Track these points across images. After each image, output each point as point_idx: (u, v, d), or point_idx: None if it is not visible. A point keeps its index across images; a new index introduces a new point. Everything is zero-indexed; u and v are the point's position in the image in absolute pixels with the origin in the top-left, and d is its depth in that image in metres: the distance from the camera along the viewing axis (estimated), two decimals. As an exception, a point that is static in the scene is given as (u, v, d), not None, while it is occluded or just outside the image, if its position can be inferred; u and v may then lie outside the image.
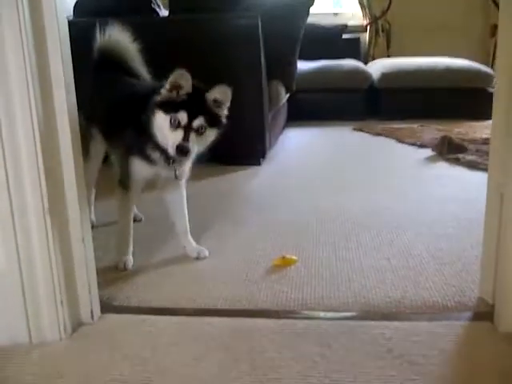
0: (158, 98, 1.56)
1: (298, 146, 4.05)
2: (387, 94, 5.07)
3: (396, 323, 1.37)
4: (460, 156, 3.23)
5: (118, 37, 1.99)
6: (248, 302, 1.52)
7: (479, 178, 2.80)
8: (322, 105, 5.08)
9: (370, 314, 1.44)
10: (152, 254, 1.89)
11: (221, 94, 1.59)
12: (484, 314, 1.42)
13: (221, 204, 2.48)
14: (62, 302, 1.34)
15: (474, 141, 3.68)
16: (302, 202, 2.46)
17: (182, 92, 1.56)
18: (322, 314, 1.45)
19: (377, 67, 5.27)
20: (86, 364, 1.25)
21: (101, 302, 1.47)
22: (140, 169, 1.72)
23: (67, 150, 1.32)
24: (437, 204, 2.37)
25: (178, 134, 1.53)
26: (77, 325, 1.40)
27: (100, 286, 1.48)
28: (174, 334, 1.37)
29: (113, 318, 1.46)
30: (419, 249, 1.85)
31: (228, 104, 1.62)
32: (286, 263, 1.76)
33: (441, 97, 4.94)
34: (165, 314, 1.47)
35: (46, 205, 1.28)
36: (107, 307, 1.50)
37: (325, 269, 1.72)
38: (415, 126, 4.46)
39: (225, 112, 1.64)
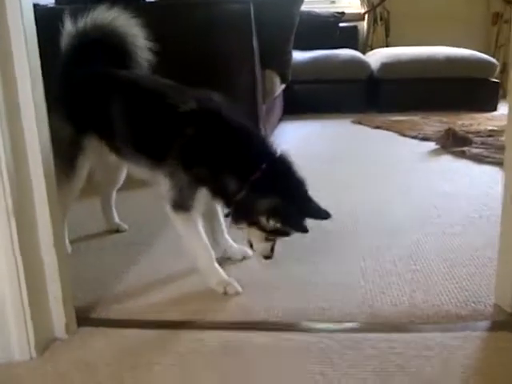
0: (262, 223, 1.44)
1: (294, 140, 3.89)
2: (387, 85, 4.91)
3: (406, 335, 1.23)
4: (465, 149, 3.08)
5: (114, 19, 1.73)
6: (241, 312, 1.37)
7: (487, 172, 2.68)
8: (319, 96, 4.93)
9: (376, 325, 1.29)
10: (135, 261, 1.73)
11: None
12: (502, 323, 1.28)
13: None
14: (31, 317, 1.19)
15: (478, 133, 3.54)
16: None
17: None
18: (323, 326, 1.30)
19: (376, 57, 5.11)
20: (57, 387, 1.11)
21: (77, 314, 1.33)
22: (205, 198, 1.50)
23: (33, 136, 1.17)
24: (443, 200, 2.22)
25: (267, 246, 1.51)
26: (49, 341, 1.25)
27: (77, 296, 1.34)
28: (158, 351, 1.22)
29: (90, 332, 1.31)
30: (427, 249, 1.71)
31: None
32: None
33: (442, 87, 4.80)
34: (148, 328, 1.32)
35: (10, 205, 1.13)
36: (84, 320, 1.35)
37: (325, 274, 1.57)
38: (416, 118, 4.31)
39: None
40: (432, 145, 3.30)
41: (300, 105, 4.80)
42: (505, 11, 5.65)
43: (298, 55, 4.58)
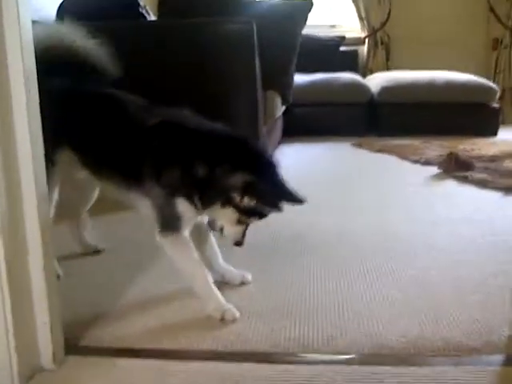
0: (235, 201, 1.40)
1: (293, 163, 3.83)
2: (387, 109, 4.90)
3: (415, 369, 1.15)
4: (468, 174, 3.03)
5: (61, 34, 1.69)
6: (240, 342, 1.29)
7: (491, 198, 2.62)
8: (319, 120, 4.91)
9: (384, 357, 1.21)
10: (129, 283, 1.65)
11: None
12: (518, 356, 1.20)
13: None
14: (15, 344, 1.11)
15: (480, 158, 3.50)
16: (299, 224, 2.23)
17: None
18: (327, 358, 1.22)
19: (376, 81, 5.10)
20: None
21: (66, 341, 1.25)
22: (187, 210, 1.45)
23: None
24: (449, 225, 2.15)
25: (239, 230, 1.47)
26: (34, 371, 1.16)
27: (65, 322, 1.25)
28: (152, 383, 1.14)
29: (78, 361, 1.22)
30: (434, 277, 1.63)
31: None
32: None
33: (442, 112, 4.79)
34: (141, 357, 1.24)
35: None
36: (72, 348, 1.26)
37: (328, 301, 1.49)
38: (417, 142, 4.26)
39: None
40: (434, 169, 3.24)
41: (300, 127, 4.78)
42: (504, 37, 5.66)
43: (298, 78, 4.55)
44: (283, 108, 4.05)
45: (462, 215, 2.30)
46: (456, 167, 3.11)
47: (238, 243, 1.48)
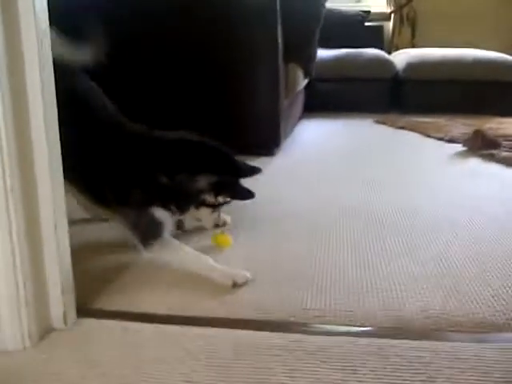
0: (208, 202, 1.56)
1: (315, 138, 3.78)
2: (411, 86, 4.79)
3: (436, 344, 1.11)
4: (494, 152, 2.94)
5: None
6: (253, 309, 1.26)
7: (518, 176, 2.54)
8: (342, 95, 4.80)
9: (403, 331, 1.17)
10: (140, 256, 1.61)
11: None
12: (544, 336, 1.15)
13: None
14: (26, 303, 1.09)
15: (507, 137, 3.39)
16: (320, 198, 2.19)
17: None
18: (344, 329, 1.18)
19: (401, 57, 4.98)
20: (51, 380, 1.01)
21: (77, 303, 1.23)
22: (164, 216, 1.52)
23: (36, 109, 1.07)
24: (473, 203, 2.09)
25: (216, 215, 1.62)
26: (46, 331, 1.15)
27: (78, 284, 1.23)
28: (162, 348, 1.11)
29: (90, 324, 1.21)
30: (457, 253, 1.58)
31: None
32: (219, 243, 1.60)
33: (468, 90, 4.66)
34: (153, 322, 1.21)
35: (9, 182, 1.03)
36: (84, 310, 1.24)
37: (347, 274, 1.45)
38: (441, 120, 4.16)
39: None
40: (459, 147, 3.16)
41: (322, 103, 4.69)
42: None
43: (322, 53, 4.45)
44: (305, 82, 3.97)
45: (486, 193, 2.23)
46: (482, 145, 3.03)
47: (218, 225, 1.62)
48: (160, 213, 1.50)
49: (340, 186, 2.37)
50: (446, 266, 1.48)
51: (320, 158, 3.05)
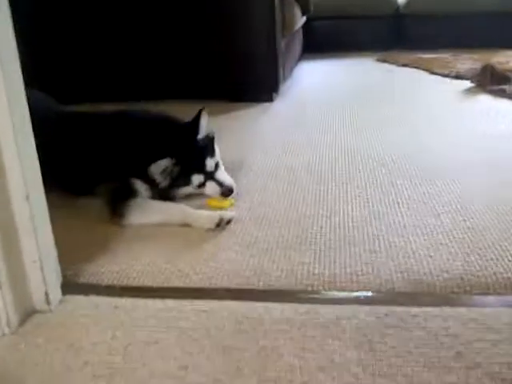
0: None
1: (315, 80, 3.59)
2: (413, 21, 4.55)
3: (462, 311, 0.99)
4: (505, 87, 2.77)
5: None
6: (255, 276, 1.14)
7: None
8: (341, 34, 4.60)
9: (424, 296, 1.05)
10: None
11: None
12: None
13: (227, 146, 1.90)
14: (2, 288, 0.97)
15: (517, 70, 3.21)
16: (323, 144, 2.04)
17: None
18: (357, 296, 1.07)
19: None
20: (32, 371, 0.90)
21: (64, 278, 1.11)
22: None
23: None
24: (489, 143, 1.94)
25: (211, 186, 1.55)
26: (27, 314, 1.04)
27: (63, 257, 1.11)
28: (156, 327, 0.99)
29: (77, 302, 1.09)
30: (476, 201, 1.44)
31: None
32: (219, 205, 1.50)
33: (473, 23, 4.43)
34: (145, 296, 1.09)
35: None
36: (72, 286, 1.13)
37: (357, 230, 1.32)
38: (446, 55, 3.96)
39: None
40: (467, 83, 2.98)
41: (320, 43, 4.50)
42: None
43: (319, -12, 4.21)
44: (303, 19, 3.74)
45: (501, 131, 2.09)
46: (492, 80, 2.85)
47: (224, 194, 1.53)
48: (137, 183, 1.48)
49: (343, 131, 2.21)
50: (464, 218, 1.35)
51: (321, 101, 2.88)
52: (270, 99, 2.79)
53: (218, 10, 2.60)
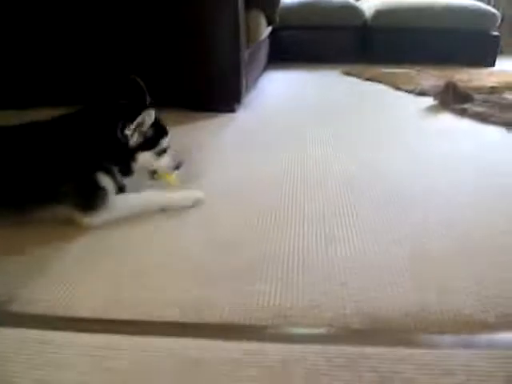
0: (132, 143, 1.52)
1: (279, 91, 3.53)
2: (381, 35, 4.54)
3: (417, 352, 0.92)
4: (467, 106, 2.76)
5: None
6: (195, 309, 1.06)
7: (493, 133, 2.37)
8: (308, 45, 4.56)
9: (378, 334, 0.99)
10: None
11: None
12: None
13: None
14: None
15: (479, 89, 3.22)
16: (283, 159, 1.97)
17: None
18: (306, 332, 1.00)
19: (370, 4, 4.71)
20: None
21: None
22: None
23: None
24: (451, 164, 1.91)
25: (166, 158, 1.62)
26: None
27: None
28: (83, 368, 0.90)
29: (2, 336, 0.98)
30: (440, 227, 1.39)
31: None
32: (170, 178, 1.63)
33: (439, 39, 4.46)
34: (81, 330, 1.00)
35: None
36: (3, 316, 1.03)
37: (311, 256, 1.25)
38: (411, 70, 3.96)
39: None
40: (430, 100, 2.97)
41: (287, 53, 4.46)
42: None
43: (286, -2, 4.18)
44: (269, 30, 3.69)
45: (463, 152, 2.05)
46: (454, 99, 2.84)
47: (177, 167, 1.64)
48: (103, 179, 1.44)
49: (305, 146, 2.15)
50: (426, 244, 1.30)
51: (284, 113, 2.81)
52: (232, 110, 2.72)
53: (180, 18, 2.52)
